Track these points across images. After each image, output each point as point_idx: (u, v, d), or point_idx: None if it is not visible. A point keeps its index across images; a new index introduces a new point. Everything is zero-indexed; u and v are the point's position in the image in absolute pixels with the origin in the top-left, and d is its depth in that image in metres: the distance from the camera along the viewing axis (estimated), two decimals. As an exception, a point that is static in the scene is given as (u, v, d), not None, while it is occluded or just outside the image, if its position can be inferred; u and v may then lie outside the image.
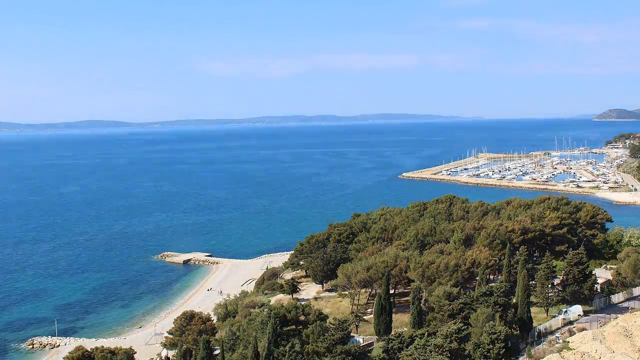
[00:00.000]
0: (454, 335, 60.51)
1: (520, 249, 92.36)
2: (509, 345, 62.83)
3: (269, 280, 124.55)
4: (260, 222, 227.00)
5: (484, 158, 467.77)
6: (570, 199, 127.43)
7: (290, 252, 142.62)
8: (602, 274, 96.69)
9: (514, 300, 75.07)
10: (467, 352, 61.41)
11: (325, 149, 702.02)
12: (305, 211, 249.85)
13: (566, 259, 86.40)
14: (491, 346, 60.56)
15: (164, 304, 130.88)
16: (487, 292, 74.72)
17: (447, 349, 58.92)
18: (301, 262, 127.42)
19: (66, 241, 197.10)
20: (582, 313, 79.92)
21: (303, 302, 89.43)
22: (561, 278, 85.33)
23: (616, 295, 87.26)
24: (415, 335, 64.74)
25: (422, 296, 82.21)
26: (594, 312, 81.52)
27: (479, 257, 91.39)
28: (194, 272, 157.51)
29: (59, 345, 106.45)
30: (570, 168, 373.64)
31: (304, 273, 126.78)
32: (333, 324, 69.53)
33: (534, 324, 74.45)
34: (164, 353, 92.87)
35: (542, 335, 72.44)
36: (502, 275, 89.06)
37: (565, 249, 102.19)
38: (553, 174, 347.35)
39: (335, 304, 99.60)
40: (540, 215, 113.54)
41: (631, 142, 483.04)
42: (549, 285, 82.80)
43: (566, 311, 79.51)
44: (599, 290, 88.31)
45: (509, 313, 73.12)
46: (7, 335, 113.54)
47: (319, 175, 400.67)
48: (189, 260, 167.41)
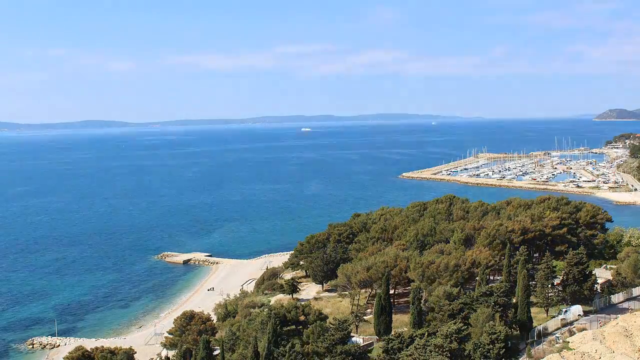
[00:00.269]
0: (454, 335, 60.52)
1: (520, 249, 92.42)
2: (509, 345, 62.83)
3: (269, 280, 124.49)
4: (261, 222, 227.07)
5: (484, 158, 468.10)
6: (570, 199, 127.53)
7: (290, 252, 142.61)
8: (602, 274, 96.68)
9: (514, 300, 75.06)
10: (467, 352, 61.41)
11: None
12: (305, 211, 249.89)
13: (566, 259, 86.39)
14: (491, 346, 60.56)
15: (164, 304, 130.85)
16: (487, 292, 74.77)
17: (447, 349, 58.91)
18: (301, 262, 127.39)
19: (66, 241, 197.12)
20: (582, 313, 79.91)
21: (303, 302, 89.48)
22: (561, 278, 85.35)
23: (616, 295, 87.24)
24: (415, 336, 64.70)
25: (422, 296, 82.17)
26: (594, 312, 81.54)
27: (479, 257, 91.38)
28: (194, 272, 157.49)
29: (59, 345, 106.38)
30: (570, 168, 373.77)
31: (304, 273, 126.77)
32: (333, 324, 69.51)
33: (534, 324, 74.44)
34: (164, 353, 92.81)
35: (542, 335, 72.39)
36: (502, 276, 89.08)
37: (565, 249, 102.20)
38: (553, 174, 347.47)
39: (335, 304, 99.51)
40: (540, 215, 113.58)
41: (631, 142, 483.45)
42: (549, 286, 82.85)
43: (566, 311, 79.52)
44: (599, 290, 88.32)
45: (509, 313, 73.16)
46: (7, 335, 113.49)
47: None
48: (189, 260, 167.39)
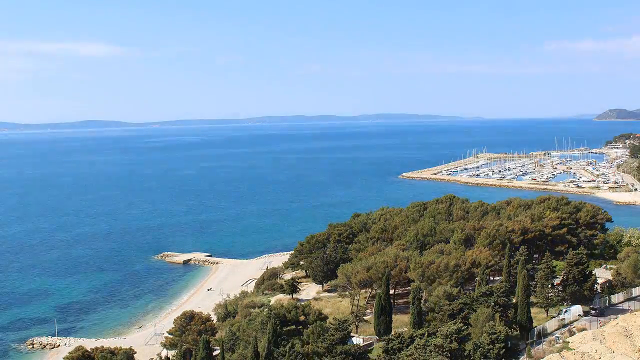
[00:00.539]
0: (454, 335, 60.52)
1: (520, 249, 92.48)
2: (509, 345, 62.89)
3: (269, 281, 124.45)
4: (260, 222, 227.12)
5: (484, 158, 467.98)
6: (570, 199, 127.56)
7: (290, 252, 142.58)
8: (602, 274, 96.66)
9: (514, 301, 75.06)
10: (467, 352, 61.42)
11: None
12: (305, 211, 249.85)
13: (566, 259, 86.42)
14: (491, 346, 60.58)
15: (164, 304, 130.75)
16: (487, 292, 74.83)
17: (447, 349, 58.92)
18: (301, 262, 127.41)
19: (66, 241, 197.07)
20: (582, 313, 79.93)
21: (303, 302, 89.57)
22: (561, 278, 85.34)
23: (616, 295, 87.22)
24: (415, 336, 64.73)
25: (422, 296, 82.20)
26: (597, 315, 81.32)
27: (479, 257, 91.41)
28: (194, 272, 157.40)
29: (59, 345, 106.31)
30: (570, 168, 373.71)
31: (304, 273, 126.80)
32: (333, 324, 69.50)
33: (534, 324, 74.44)
34: (164, 353, 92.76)
35: (542, 336, 72.42)
36: (502, 276, 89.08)
37: (565, 249, 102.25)
38: (553, 174, 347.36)
39: (335, 304, 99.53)
40: (540, 215, 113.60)
41: (631, 142, 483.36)
42: (549, 286, 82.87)
43: (566, 311, 79.52)
44: (599, 290, 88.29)
45: (509, 313, 73.18)
46: (7, 335, 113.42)
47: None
48: (189, 260, 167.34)
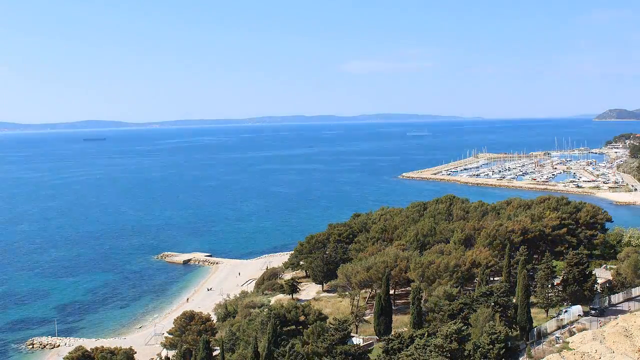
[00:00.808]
0: (454, 335, 60.47)
1: (520, 249, 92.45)
2: (509, 345, 62.87)
3: (269, 281, 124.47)
4: (260, 222, 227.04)
5: (484, 158, 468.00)
6: (570, 199, 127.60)
7: (290, 252, 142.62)
8: (602, 274, 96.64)
9: (514, 301, 75.03)
10: (467, 352, 61.40)
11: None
12: (305, 211, 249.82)
13: (566, 259, 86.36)
14: (491, 346, 60.55)
15: (164, 304, 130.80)
16: (487, 293, 74.79)
17: (447, 349, 58.90)
18: (301, 262, 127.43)
19: (66, 241, 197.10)
20: (582, 313, 79.89)
21: (303, 303, 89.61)
22: (561, 278, 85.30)
23: (616, 295, 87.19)
24: (415, 336, 64.73)
25: (422, 296, 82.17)
26: (597, 315, 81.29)
27: (479, 258, 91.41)
28: (194, 272, 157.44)
29: (59, 345, 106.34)
30: (570, 168, 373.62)
31: (304, 273, 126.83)
32: (333, 325, 69.51)
33: (534, 324, 74.43)
34: (164, 353, 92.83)
35: (542, 336, 72.40)
36: (502, 276, 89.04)
37: (565, 249, 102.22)
38: (553, 174, 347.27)
39: (335, 305, 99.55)
40: (540, 215, 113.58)
41: (631, 142, 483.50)
42: (549, 286, 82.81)
43: (566, 311, 79.50)
44: (599, 290, 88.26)
45: (509, 313, 73.13)
46: (7, 335, 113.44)
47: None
48: (189, 260, 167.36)
